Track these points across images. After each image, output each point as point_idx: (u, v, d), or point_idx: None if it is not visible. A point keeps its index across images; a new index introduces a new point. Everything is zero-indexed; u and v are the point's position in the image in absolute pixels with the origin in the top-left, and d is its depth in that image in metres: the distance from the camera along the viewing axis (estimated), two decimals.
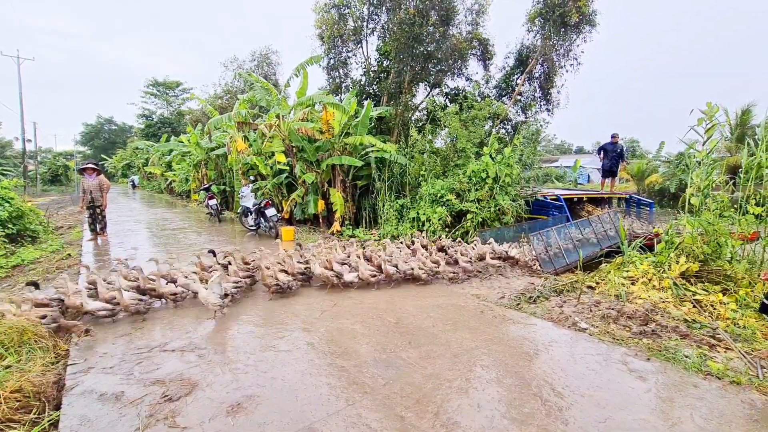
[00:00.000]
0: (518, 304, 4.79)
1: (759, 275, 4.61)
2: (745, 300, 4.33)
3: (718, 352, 3.50)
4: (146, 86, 41.95)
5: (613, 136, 11.41)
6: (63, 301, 4.03)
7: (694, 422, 2.53)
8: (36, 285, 4.38)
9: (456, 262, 6.02)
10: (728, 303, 4.31)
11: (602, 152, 11.65)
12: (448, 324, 4.10)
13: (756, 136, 5.62)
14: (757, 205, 4.94)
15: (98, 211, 8.71)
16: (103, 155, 48.15)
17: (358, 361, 3.28)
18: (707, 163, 5.48)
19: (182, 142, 19.79)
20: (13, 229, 7.71)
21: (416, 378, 3.02)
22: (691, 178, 5.63)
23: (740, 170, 5.51)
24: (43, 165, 35.74)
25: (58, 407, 2.65)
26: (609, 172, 11.73)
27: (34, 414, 2.55)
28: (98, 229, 8.75)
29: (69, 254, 7.21)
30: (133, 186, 33.71)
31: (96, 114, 61.51)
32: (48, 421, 2.48)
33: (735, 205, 5.42)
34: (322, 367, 3.19)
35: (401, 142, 10.42)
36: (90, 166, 8.80)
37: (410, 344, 3.60)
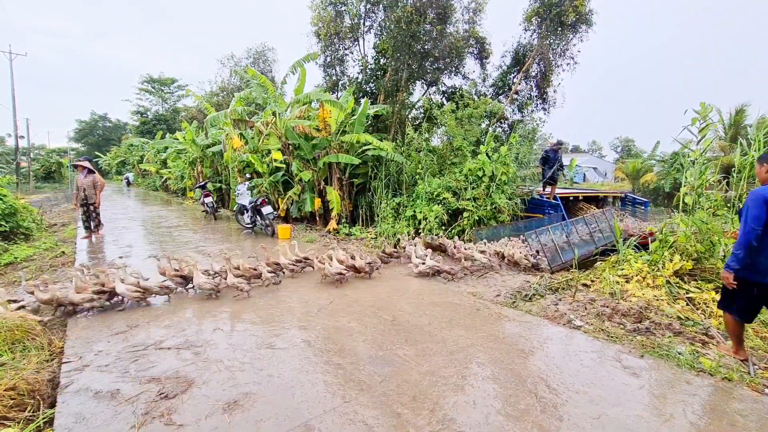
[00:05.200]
0: (514, 301, 4.82)
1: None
2: None
3: (711, 349, 3.55)
4: (141, 83, 41.62)
5: (559, 143, 10.77)
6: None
7: (687, 418, 2.56)
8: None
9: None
10: None
11: (544, 160, 10.52)
12: (444, 322, 4.12)
13: (749, 136, 5.68)
14: None
15: (92, 208, 8.63)
16: (97, 152, 47.71)
17: (354, 358, 3.29)
18: (701, 163, 5.53)
19: (177, 140, 19.66)
20: (5, 226, 7.63)
21: (412, 375, 3.03)
22: (686, 177, 5.69)
23: (733, 169, 5.57)
24: (36, 162, 35.29)
25: (52, 405, 2.64)
26: (553, 179, 10.38)
27: (29, 412, 2.53)
28: (92, 227, 8.68)
29: (63, 252, 7.15)
30: (128, 183, 33.43)
31: (90, 110, 60.73)
32: (43, 419, 2.47)
33: (728, 204, 5.48)
34: (318, 364, 3.19)
35: (398, 141, 10.42)
36: (87, 165, 8.71)
37: (406, 342, 3.62)
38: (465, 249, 6.41)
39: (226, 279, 4.88)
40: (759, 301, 3.20)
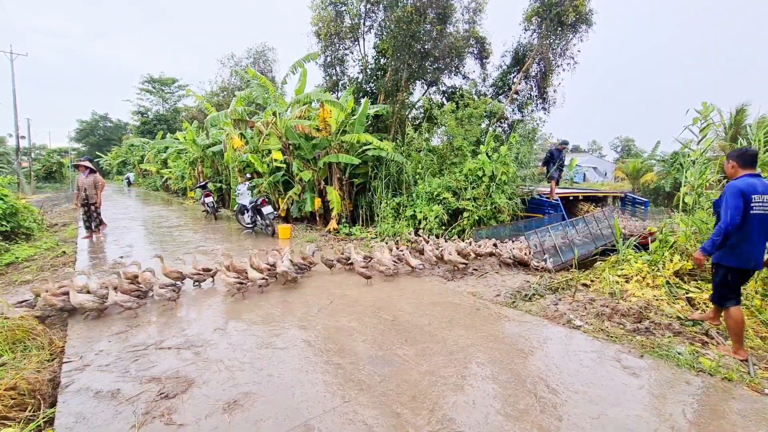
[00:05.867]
0: (513, 301, 4.82)
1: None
2: None
3: (710, 349, 3.55)
4: (141, 83, 41.69)
5: (564, 143, 10.70)
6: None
7: (686, 418, 2.56)
8: None
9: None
10: None
11: (548, 159, 10.45)
12: (444, 321, 4.12)
13: (749, 136, 5.68)
14: None
15: (93, 208, 8.65)
16: (98, 152, 47.77)
17: (354, 358, 3.29)
18: (701, 162, 5.53)
19: (178, 140, 19.67)
20: (6, 226, 7.65)
21: (412, 375, 3.03)
22: (686, 177, 5.69)
23: None
24: (38, 162, 35.32)
25: (53, 405, 2.64)
26: (556, 178, 10.38)
27: (29, 412, 2.54)
28: (93, 227, 8.70)
29: (64, 252, 7.16)
30: (129, 183, 33.46)
31: (91, 111, 60.75)
32: (43, 419, 2.48)
33: None
34: (318, 364, 3.20)
35: (398, 141, 10.43)
36: (87, 164, 8.73)
37: (406, 342, 3.62)
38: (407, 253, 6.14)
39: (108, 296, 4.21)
40: (735, 285, 3.40)
